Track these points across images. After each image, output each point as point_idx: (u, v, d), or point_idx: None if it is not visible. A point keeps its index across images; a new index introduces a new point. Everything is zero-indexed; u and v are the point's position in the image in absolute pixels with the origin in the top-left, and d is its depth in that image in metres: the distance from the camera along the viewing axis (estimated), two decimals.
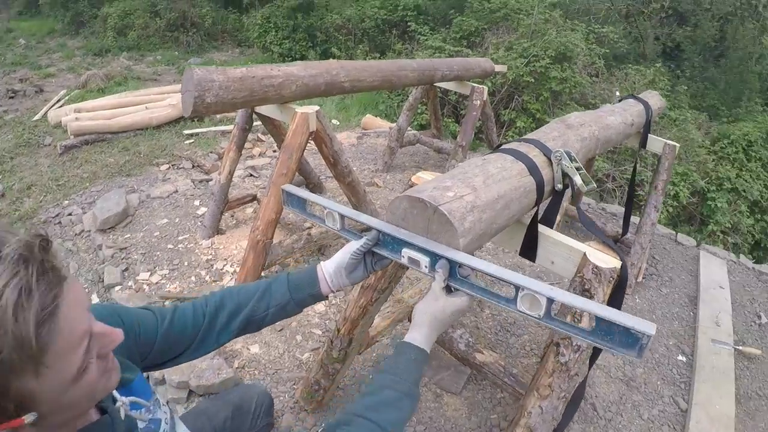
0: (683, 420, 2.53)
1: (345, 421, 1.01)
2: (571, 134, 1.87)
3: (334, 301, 3.10)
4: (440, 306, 1.13)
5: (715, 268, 3.89)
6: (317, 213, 1.45)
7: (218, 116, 6.45)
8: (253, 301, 1.24)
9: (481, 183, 1.27)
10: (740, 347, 3.05)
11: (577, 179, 1.59)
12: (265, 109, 3.00)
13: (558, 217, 2.99)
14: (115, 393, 0.89)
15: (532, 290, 1.02)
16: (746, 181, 7.13)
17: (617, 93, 3.20)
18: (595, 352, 1.62)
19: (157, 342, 1.10)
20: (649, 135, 3.26)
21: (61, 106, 7.03)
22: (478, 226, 1.17)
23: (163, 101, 6.73)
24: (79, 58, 10.89)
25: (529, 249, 1.59)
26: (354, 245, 1.25)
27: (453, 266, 1.13)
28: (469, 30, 9.10)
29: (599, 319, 0.99)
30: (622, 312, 0.99)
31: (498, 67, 5.24)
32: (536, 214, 1.56)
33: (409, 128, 5.35)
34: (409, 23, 10.06)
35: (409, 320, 2.56)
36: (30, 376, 0.63)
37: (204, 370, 2.37)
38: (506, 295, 1.07)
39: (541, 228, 1.56)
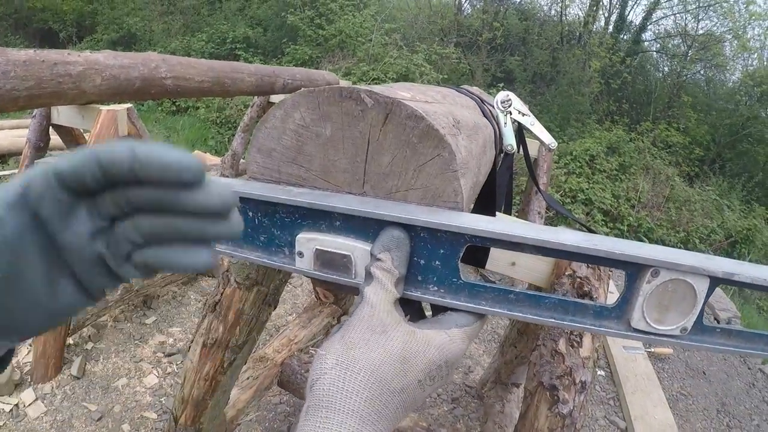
0: None
1: None
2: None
3: (170, 369, 2.41)
4: (395, 352, 0.42)
5: None
6: None
7: None
8: None
9: (441, 98, 0.65)
10: (652, 349, 2.97)
11: (542, 133, 1.06)
12: (63, 117, 2.41)
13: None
14: None
15: (684, 267, 0.39)
16: (596, 192, 7.37)
17: None
18: None
19: None
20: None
21: None
22: (473, 164, 0.53)
23: None
24: None
25: (477, 248, 0.99)
26: None
27: (437, 250, 0.46)
28: (303, 58, 8.92)
29: None
30: None
31: (343, 82, 4.87)
32: (491, 192, 0.97)
33: (244, 157, 4.79)
34: (239, 55, 9.70)
35: (283, 387, 1.91)
36: None
37: None
38: (593, 305, 0.44)
39: (498, 215, 1.00)
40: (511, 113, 1.07)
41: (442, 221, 0.43)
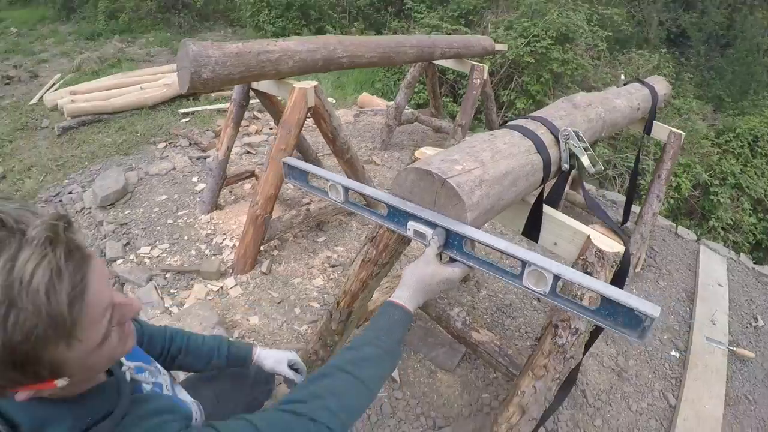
0: (671, 416, 2.51)
1: (326, 373, 1.02)
2: (578, 114, 1.83)
3: (332, 276, 3.14)
4: (430, 271, 1.12)
5: (715, 265, 3.76)
6: (319, 186, 1.43)
7: (213, 95, 6.41)
8: (199, 366, 1.50)
9: (489, 158, 1.25)
10: (734, 348, 2.99)
11: (585, 160, 1.57)
12: (262, 85, 2.99)
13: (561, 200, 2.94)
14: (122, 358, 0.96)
15: (540, 266, 1.00)
16: (751, 177, 6.84)
17: (623, 77, 3.10)
18: (592, 338, 1.61)
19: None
20: (654, 122, 3.17)
21: (56, 90, 6.98)
22: (485, 201, 1.15)
23: (157, 81, 6.72)
24: (72, 43, 10.73)
25: (533, 229, 1.56)
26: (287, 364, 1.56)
27: (455, 238, 1.11)
28: (467, 8, 8.87)
29: (604, 299, 0.97)
30: (628, 293, 0.97)
31: (498, 46, 5.12)
32: (541, 193, 1.54)
33: (407, 107, 5.29)
34: (405, 0, 9.81)
35: None
36: (62, 347, 0.69)
37: None
38: (512, 271, 1.06)
39: (546, 208, 1.53)
40: (567, 143, 1.59)
41: (455, 228, 1.08)
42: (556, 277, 1.00)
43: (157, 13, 12.38)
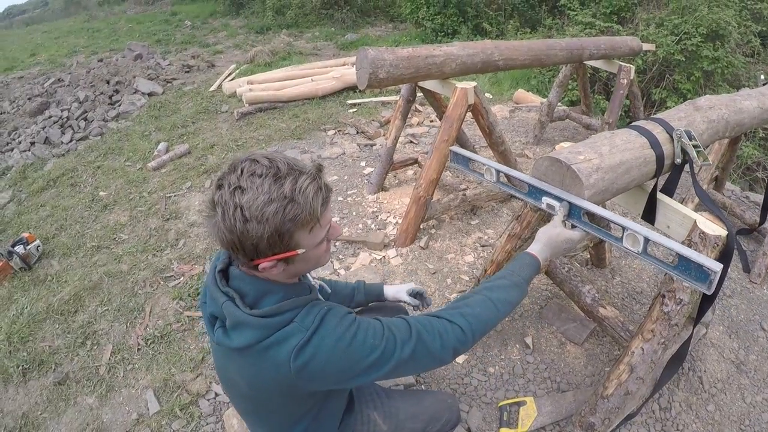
0: None
1: (466, 295, 1.39)
2: (698, 116, 2.05)
3: (482, 254, 3.45)
4: (557, 232, 1.55)
5: None
6: (477, 170, 1.90)
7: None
8: (346, 303, 1.86)
9: (607, 151, 1.63)
10: None
11: (693, 154, 1.80)
12: (427, 84, 3.35)
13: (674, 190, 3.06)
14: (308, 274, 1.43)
15: (634, 230, 1.38)
16: None
17: (762, 77, 3.02)
18: (700, 312, 1.81)
19: None
20: None
21: (232, 79, 7.83)
22: (600, 184, 1.55)
23: (326, 74, 7.28)
24: (243, 36, 11.73)
25: (650, 213, 1.85)
26: (406, 293, 1.97)
27: (576, 210, 1.52)
28: (619, 5, 8.77)
29: (681, 257, 1.29)
30: (699, 253, 1.28)
31: (646, 46, 5.16)
32: (656, 183, 1.84)
33: (559, 104, 5.47)
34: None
35: (548, 276, 2.86)
36: (306, 232, 1.10)
37: None
38: (615, 236, 1.45)
39: (661, 196, 1.81)
40: (680, 141, 1.83)
41: (576, 202, 1.50)
42: (646, 239, 1.37)
43: (321, 9, 13.40)
